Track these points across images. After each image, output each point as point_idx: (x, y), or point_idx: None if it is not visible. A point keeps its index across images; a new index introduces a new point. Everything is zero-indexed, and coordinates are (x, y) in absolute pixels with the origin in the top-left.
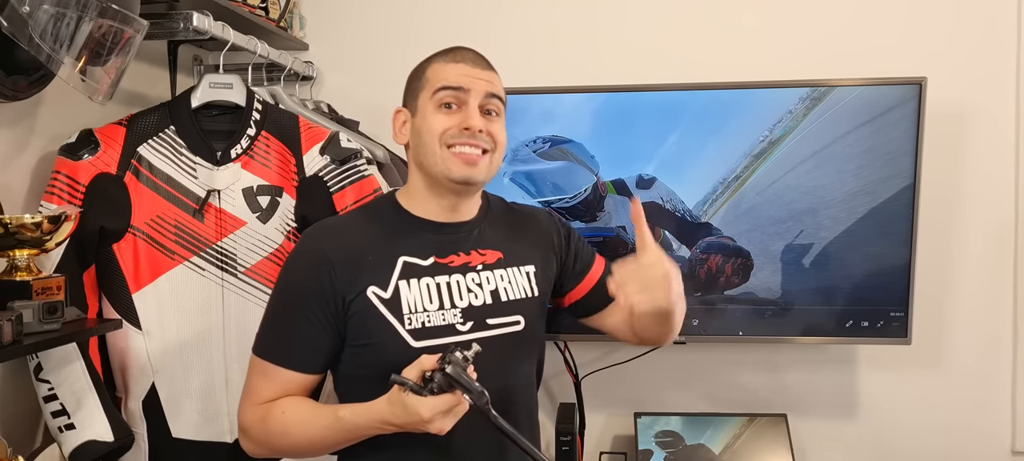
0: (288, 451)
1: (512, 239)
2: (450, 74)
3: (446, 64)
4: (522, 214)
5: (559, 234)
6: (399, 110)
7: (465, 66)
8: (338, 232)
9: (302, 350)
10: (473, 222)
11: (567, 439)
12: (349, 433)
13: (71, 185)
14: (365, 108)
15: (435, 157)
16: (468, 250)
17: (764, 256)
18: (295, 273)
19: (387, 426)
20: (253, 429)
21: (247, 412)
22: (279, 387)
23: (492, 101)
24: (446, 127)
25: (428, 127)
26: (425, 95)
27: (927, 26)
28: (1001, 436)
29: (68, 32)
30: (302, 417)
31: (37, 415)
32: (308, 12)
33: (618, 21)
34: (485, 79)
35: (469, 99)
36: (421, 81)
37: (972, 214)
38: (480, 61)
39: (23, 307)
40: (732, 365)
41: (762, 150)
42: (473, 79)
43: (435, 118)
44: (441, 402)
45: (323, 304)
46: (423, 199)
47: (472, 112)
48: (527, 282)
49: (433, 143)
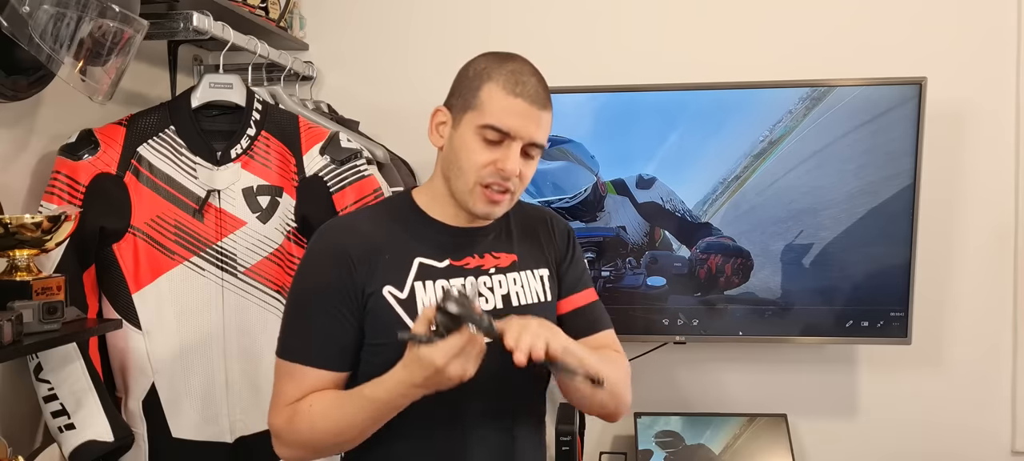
0: (320, 445)
1: (525, 241)
2: (504, 114)
3: (505, 95)
4: (533, 215)
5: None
6: (439, 109)
7: (523, 104)
8: (354, 228)
9: (325, 346)
10: (489, 228)
11: (567, 439)
12: (377, 410)
13: (71, 185)
14: (365, 108)
15: (466, 186)
16: (482, 253)
17: (764, 256)
18: (314, 269)
19: (413, 390)
20: (283, 432)
21: (276, 416)
22: (305, 387)
23: (534, 148)
24: (484, 163)
25: (467, 153)
26: (472, 117)
27: (927, 26)
28: (1001, 436)
29: (68, 32)
30: (327, 405)
31: (37, 415)
32: (308, 12)
33: (618, 21)
34: (537, 123)
35: (513, 146)
36: (474, 97)
37: (972, 214)
38: (540, 96)
39: (23, 307)
40: (732, 365)
41: (762, 150)
42: (525, 125)
43: (475, 146)
44: (452, 344)
45: (344, 297)
46: (443, 204)
47: (512, 155)
48: (540, 286)
49: (468, 173)
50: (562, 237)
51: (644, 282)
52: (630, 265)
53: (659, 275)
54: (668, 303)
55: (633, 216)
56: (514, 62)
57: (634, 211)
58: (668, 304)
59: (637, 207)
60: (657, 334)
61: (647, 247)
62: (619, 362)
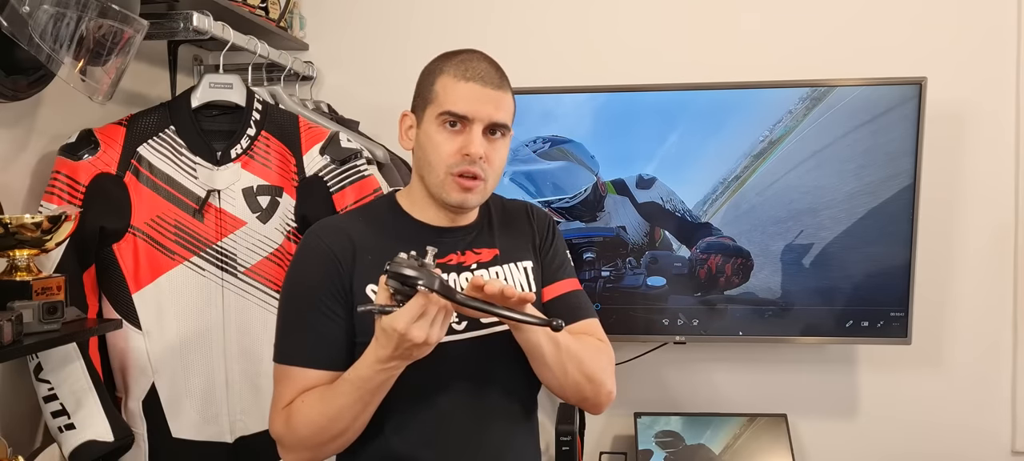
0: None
1: (506, 235)
2: (458, 98)
3: (457, 82)
4: (512, 208)
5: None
6: (405, 114)
7: (475, 86)
8: (338, 229)
9: (318, 346)
10: (471, 226)
11: (567, 439)
12: (360, 391)
13: (71, 185)
14: (365, 108)
15: (437, 179)
16: (464, 251)
17: (764, 256)
18: (302, 272)
19: (389, 364)
20: (284, 435)
21: (275, 421)
22: (300, 388)
23: (499, 129)
24: (450, 152)
25: (433, 147)
26: (431, 110)
27: (927, 26)
28: (1001, 436)
29: (68, 32)
30: (317, 398)
31: (37, 415)
32: (308, 12)
33: (618, 21)
34: (492, 104)
35: (473, 128)
36: (430, 92)
37: (972, 214)
38: (491, 77)
39: (23, 307)
40: (732, 365)
41: (762, 150)
42: (480, 105)
43: (439, 138)
44: (410, 309)
45: (334, 295)
46: (423, 206)
47: (474, 138)
48: (524, 278)
49: (437, 165)
50: (542, 225)
51: (644, 282)
52: (630, 265)
53: (659, 275)
54: (668, 303)
55: (633, 216)
56: (464, 53)
57: (634, 211)
58: (668, 304)
59: (637, 207)
60: (657, 334)
61: (647, 247)
62: (601, 349)
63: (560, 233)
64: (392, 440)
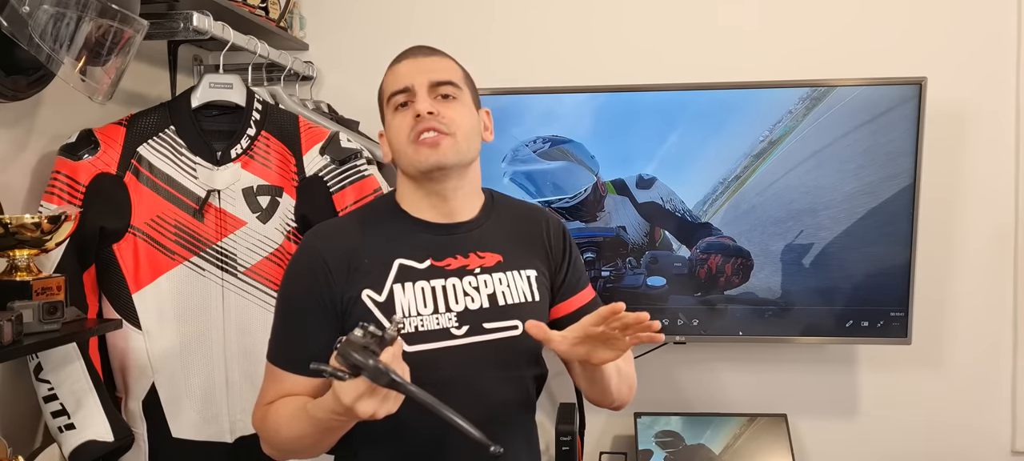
0: (287, 451)
1: (514, 240)
2: (397, 78)
3: (394, 67)
4: (524, 213)
5: (555, 236)
6: (381, 132)
7: (408, 61)
8: (334, 234)
9: (299, 352)
10: (473, 222)
11: (567, 439)
12: (318, 428)
13: (71, 185)
14: (365, 108)
15: (406, 154)
16: (466, 253)
17: (764, 256)
18: (294, 278)
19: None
20: (260, 429)
21: (255, 413)
22: (281, 390)
23: (441, 87)
24: (406, 125)
25: (395, 131)
26: (386, 108)
27: (927, 27)
28: (1001, 436)
29: (68, 32)
30: (287, 413)
31: (37, 415)
32: (308, 12)
33: (618, 21)
34: (427, 68)
35: (416, 90)
36: (381, 94)
37: (972, 214)
38: (423, 50)
39: (23, 307)
40: (732, 365)
41: (762, 150)
42: (415, 73)
43: (396, 122)
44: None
45: (322, 305)
46: (414, 200)
47: (420, 99)
48: (527, 286)
49: (402, 142)
50: (558, 239)
51: (644, 282)
52: (630, 265)
53: (659, 275)
54: (668, 303)
55: (633, 216)
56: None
57: (634, 211)
58: (668, 304)
59: (637, 207)
60: None
61: (647, 247)
62: (629, 356)
63: (573, 241)
64: (392, 445)
